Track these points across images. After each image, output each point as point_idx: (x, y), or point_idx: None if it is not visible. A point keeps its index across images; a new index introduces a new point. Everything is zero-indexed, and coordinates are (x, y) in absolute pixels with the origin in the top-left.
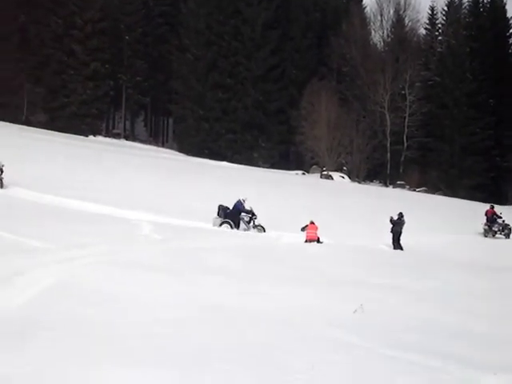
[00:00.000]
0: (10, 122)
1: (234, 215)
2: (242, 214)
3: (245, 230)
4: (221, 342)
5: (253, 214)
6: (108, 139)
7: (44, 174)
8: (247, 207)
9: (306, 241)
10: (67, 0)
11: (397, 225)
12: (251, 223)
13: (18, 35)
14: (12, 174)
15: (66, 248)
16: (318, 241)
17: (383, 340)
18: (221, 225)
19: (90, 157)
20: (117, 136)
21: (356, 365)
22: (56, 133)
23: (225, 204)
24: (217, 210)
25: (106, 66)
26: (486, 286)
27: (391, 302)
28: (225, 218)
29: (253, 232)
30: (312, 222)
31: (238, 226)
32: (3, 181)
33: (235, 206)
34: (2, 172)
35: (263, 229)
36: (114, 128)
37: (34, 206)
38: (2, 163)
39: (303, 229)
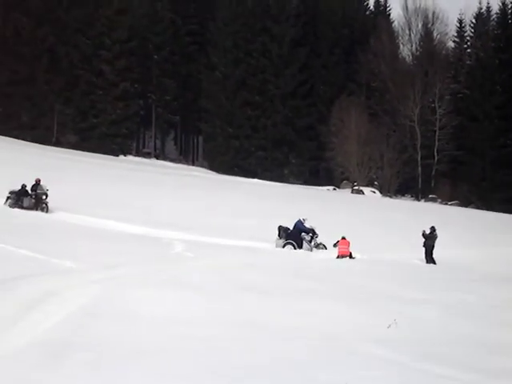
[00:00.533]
0: (41, 143)
1: (295, 235)
2: (303, 233)
3: (308, 249)
4: (254, 359)
5: (314, 233)
6: (138, 158)
7: (80, 195)
8: (307, 226)
9: (337, 256)
10: (95, 20)
11: (429, 239)
12: (312, 242)
13: (47, 56)
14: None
15: (98, 268)
16: (351, 256)
17: (417, 354)
18: (284, 246)
19: (121, 177)
20: (147, 155)
21: (389, 380)
22: (86, 153)
23: (283, 224)
24: (277, 232)
25: (135, 85)
26: None
27: (424, 316)
28: (286, 238)
29: (315, 251)
30: (343, 238)
31: (300, 246)
32: (48, 205)
33: (296, 225)
34: (46, 196)
35: (325, 247)
36: (144, 147)
37: (70, 227)
38: (47, 187)
39: (335, 245)
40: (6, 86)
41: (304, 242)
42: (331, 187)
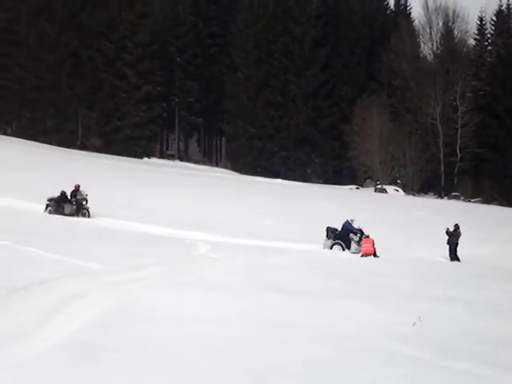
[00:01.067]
0: (66, 147)
1: (343, 236)
2: (351, 234)
3: (356, 250)
4: (280, 358)
5: (362, 234)
6: (162, 161)
7: (105, 198)
8: (355, 226)
9: (362, 255)
10: (118, 24)
11: (453, 236)
12: (361, 242)
13: (71, 61)
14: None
15: (123, 270)
16: (375, 254)
17: (441, 351)
18: (332, 246)
19: (146, 179)
20: (171, 157)
21: (414, 378)
22: (111, 156)
23: (332, 226)
24: (325, 233)
25: (158, 88)
26: None
27: (449, 314)
28: (334, 239)
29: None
30: (367, 236)
31: (348, 247)
32: (89, 211)
33: (344, 226)
34: (86, 202)
35: None
36: (167, 149)
37: (95, 229)
38: (86, 192)
39: (359, 243)
40: (31, 92)
41: (352, 242)
42: (354, 186)
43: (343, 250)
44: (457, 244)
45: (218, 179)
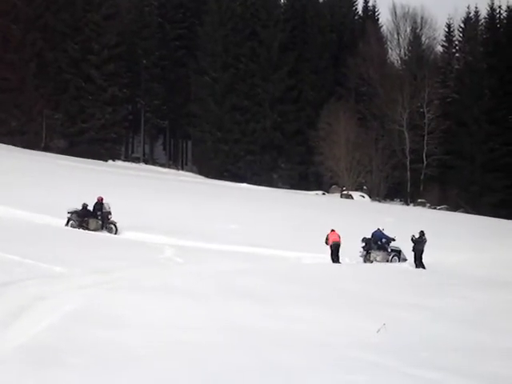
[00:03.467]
0: (30, 148)
1: (382, 246)
2: (383, 241)
3: (385, 259)
4: (244, 364)
5: (393, 240)
6: (127, 163)
7: (67, 202)
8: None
9: (330, 246)
10: (84, 25)
11: (418, 243)
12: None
13: (36, 62)
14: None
15: (88, 274)
16: (338, 261)
17: (405, 359)
18: (391, 259)
19: (110, 182)
20: (136, 160)
21: None
22: (75, 158)
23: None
24: (363, 244)
25: (124, 90)
26: (508, 303)
27: (413, 321)
28: (369, 249)
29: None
30: (332, 230)
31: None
32: (117, 226)
33: (375, 235)
34: (111, 214)
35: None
36: (133, 152)
37: (57, 232)
38: (109, 205)
39: (326, 240)
40: None
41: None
42: (320, 192)
43: (399, 260)
44: (422, 251)
45: (184, 183)
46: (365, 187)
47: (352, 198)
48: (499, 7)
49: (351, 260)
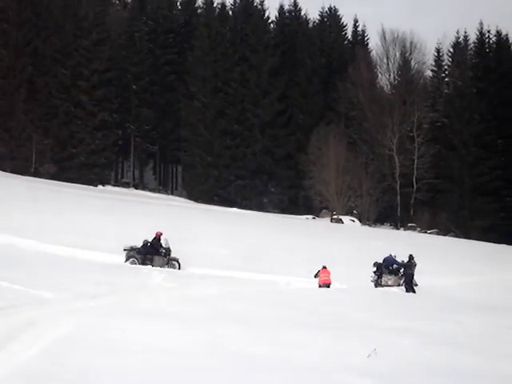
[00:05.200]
0: (19, 173)
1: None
2: (395, 266)
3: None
4: None
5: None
6: (117, 188)
7: (59, 226)
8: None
9: (319, 285)
10: (74, 51)
11: (408, 267)
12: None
13: (26, 87)
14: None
15: (77, 298)
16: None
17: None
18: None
19: (99, 207)
20: (126, 185)
21: None
22: (65, 183)
23: None
24: (374, 268)
25: (114, 115)
26: (500, 328)
27: (404, 345)
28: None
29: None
30: (324, 267)
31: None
32: (180, 262)
33: (386, 260)
34: (170, 251)
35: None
36: (122, 177)
37: (47, 257)
38: (168, 241)
39: (316, 275)
40: None
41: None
42: (310, 216)
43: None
44: (412, 275)
45: (174, 207)
46: (355, 211)
47: (342, 222)
48: (488, 32)
49: (341, 284)
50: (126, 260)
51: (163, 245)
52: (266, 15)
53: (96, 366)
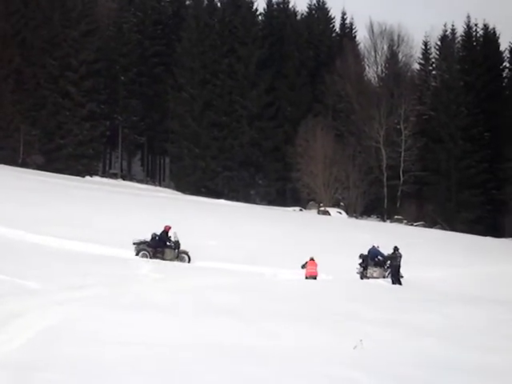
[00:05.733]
0: (7, 164)
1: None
2: (380, 258)
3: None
4: (220, 380)
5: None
6: (105, 179)
7: (48, 217)
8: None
9: (306, 277)
10: (62, 41)
11: (393, 259)
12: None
13: (14, 77)
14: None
15: (64, 289)
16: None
17: (382, 375)
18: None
19: (86, 197)
20: (113, 176)
21: None
22: (53, 174)
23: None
24: (360, 260)
25: (102, 106)
26: (486, 320)
27: (390, 337)
28: (366, 264)
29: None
30: (312, 259)
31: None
32: (189, 255)
33: (370, 251)
34: (179, 244)
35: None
36: (110, 168)
37: (34, 247)
38: (176, 234)
39: (303, 266)
40: None
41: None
42: (297, 208)
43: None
44: (399, 267)
45: (162, 199)
46: (342, 203)
47: (329, 214)
48: (475, 25)
49: (327, 275)
50: (137, 253)
51: (172, 238)
52: (254, 7)
53: (82, 356)
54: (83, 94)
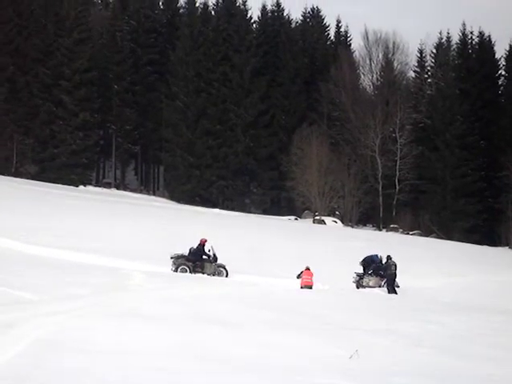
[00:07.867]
0: (0, 173)
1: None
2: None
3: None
4: None
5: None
6: (98, 189)
7: (39, 227)
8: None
9: (301, 287)
10: (55, 50)
11: (387, 268)
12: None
13: (7, 86)
14: None
15: (57, 300)
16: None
17: None
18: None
19: (80, 207)
20: (107, 185)
21: None
22: (46, 184)
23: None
24: (362, 267)
25: (95, 115)
26: (482, 329)
27: (386, 347)
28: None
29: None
30: (307, 268)
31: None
32: (227, 269)
33: (365, 260)
34: (215, 258)
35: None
36: (104, 177)
37: (29, 259)
38: (212, 247)
39: (299, 276)
40: None
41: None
42: (293, 217)
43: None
44: (395, 275)
45: (155, 208)
46: (337, 212)
47: (324, 223)
48: (471, 33)
49: (323, 285)
50: (176, 269)
51: (208, 251)
52: (248, 15)
53: (76, 367)
54: (76, 103)
